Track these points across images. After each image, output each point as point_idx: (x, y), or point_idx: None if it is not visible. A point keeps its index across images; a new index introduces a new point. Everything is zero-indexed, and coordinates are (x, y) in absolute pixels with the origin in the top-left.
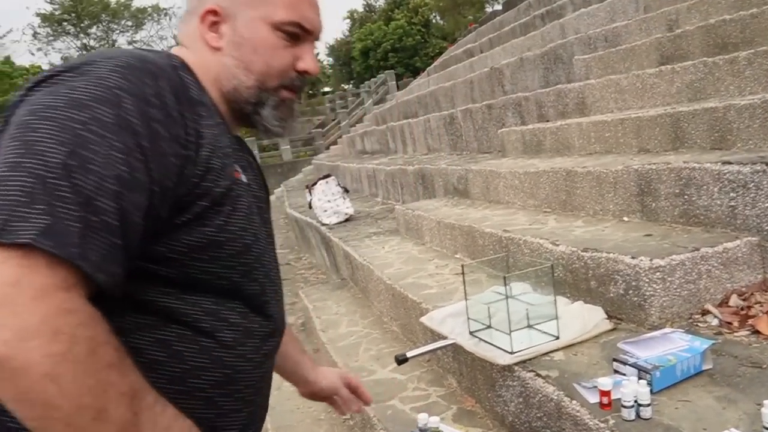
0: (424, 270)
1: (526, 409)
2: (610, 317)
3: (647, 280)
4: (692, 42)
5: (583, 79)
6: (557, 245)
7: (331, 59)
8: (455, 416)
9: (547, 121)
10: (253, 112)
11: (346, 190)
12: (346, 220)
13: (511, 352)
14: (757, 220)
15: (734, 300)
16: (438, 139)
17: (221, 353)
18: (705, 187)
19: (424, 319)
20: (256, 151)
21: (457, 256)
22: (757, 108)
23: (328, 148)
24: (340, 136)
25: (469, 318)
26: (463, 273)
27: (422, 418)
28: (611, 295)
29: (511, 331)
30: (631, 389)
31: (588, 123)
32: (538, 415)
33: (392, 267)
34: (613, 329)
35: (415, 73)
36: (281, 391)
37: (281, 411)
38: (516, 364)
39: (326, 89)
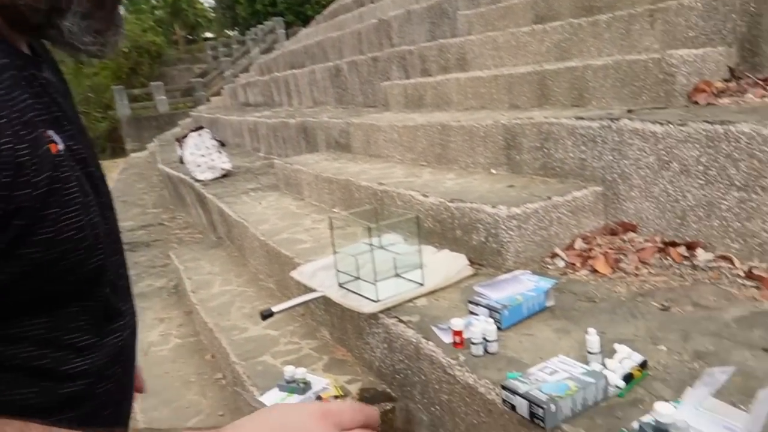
0: (301, 225)
1: (390, 353)
2: (472, 263)
3: (504, 228)
4: (563, 3)
5: (465, 35)
6: (427, 197)
7: (212, 1)
8: (326, 366)
9: (430, 75)
10: (47, 24)
11: (222, 144)
12: (223, 176)
13: (376, 301)
14: (602, 171)
15: (579, 244)
16: (324, 92)
17: (74, 387)
18: (561, 141)
19: (294, 274)
20: (125, 102)
21: (335, 210)
22: (610, 68)
23: (209, 99)
24: (223, 87)
25: (338, 270)
26: (331, 226)
27: (288, 371)
28: (474, 242)
29: (376, 281)
30: (480, 328)
31: (466, 79)
32: (400, 357)
33: (268, 223)
34: (474, 274)
35: (306, 21)
36: (149, 357)
37: (150, 377)
38: (381, 311)
39: (208, 35)
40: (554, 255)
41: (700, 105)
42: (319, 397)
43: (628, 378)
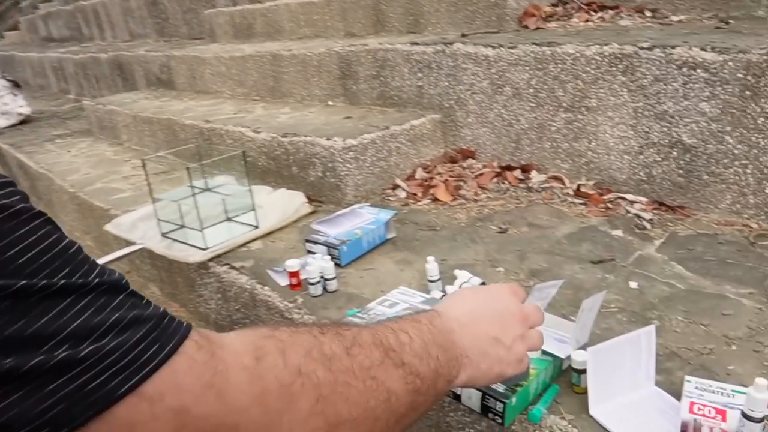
0: (118, 173)
1: (225, 303)
2: (311, 201)
3: (341, 161)
4: None
5: None
6: (259, 133)
7: None
8: None
9: (259, 2)
10: None
11: (17, 85)
12: (22, 123)
13: (204, 249)
14: (439, 98)
15: (419, 173)
16: (141, 23)
17: None
18: (397, 68)
19: (109, 227)
20: None
21: (160, 154)
22: None
23: (2, 36)
24: (20, 20)
25: (159, 219)
26: (145, 168)
27: None
28: (311, 178)
29: (202, 228)
30: (316, 266)
31: (297, 4)
32: (236, 306)
33: (78, 173)
34: (313, 212)
35: None
36: None
37: None
38: (210, 260)
39: None
40: (395, 186)
41: (530, 29)
42: None
43: None
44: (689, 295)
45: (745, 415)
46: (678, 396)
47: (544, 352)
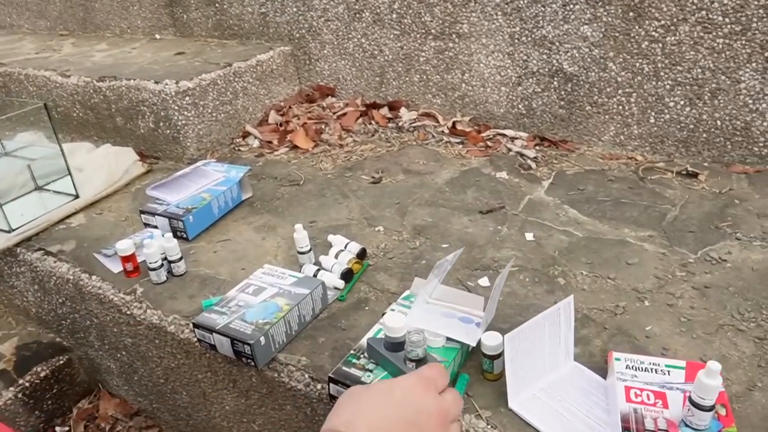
0: None
1: (45, 296)
2: (144, 158)
3: (177, 108)
4: None
5: None
6: (68, 76)
7: None
8: None
9: None
10: None
11: None
12: None
13: (9, 231)
14: (288, 27)
15: (273, 117)
16: None
17: None
18: None
19: None
20: None
21: None
22: None
23: None
24: None
25: None
26: None
27: None
28: (142, 131)
29: (1, 204)
30: (156, 247)
31: None
32: (61, 300)
33: None
34: (148, 172)
35: None
36: None
37: None
38: (18, 244)
39: None
40: (246, 134)
41: None
42: None
43: (347, 275)
44: (589, 243)
45: (693, 403)
46: (599, 370)
47: (451, 339)
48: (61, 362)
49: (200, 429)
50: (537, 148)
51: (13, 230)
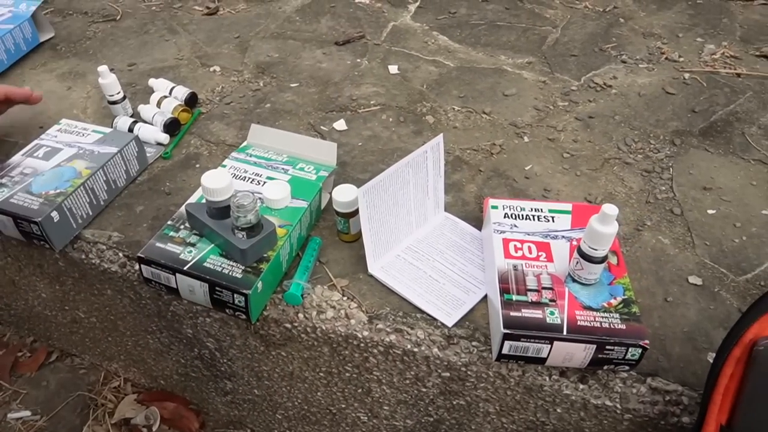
0: None
1: None
2: None
3: None
4: None
5: None
6: None
7: None
8: None
9: None
10: None
11: None
12: None
13: None
14: None
15: None
16: None
17: None
18: None
19: None
20: None
21: None
22: None
23: None
24: None
25: None
26: None
27: None
28: None
29: None
30: None
31: None
32: None
33: None
34: None
35: None
36: None
37: None
38: None
39: None
40: None
41: None
42: None
43: (171, 126)
44: (462, 74)
45: (582, 254)
46: (474, 220)
47: (296, 198)
48: None
49: (25, 319)
50: None
51: None
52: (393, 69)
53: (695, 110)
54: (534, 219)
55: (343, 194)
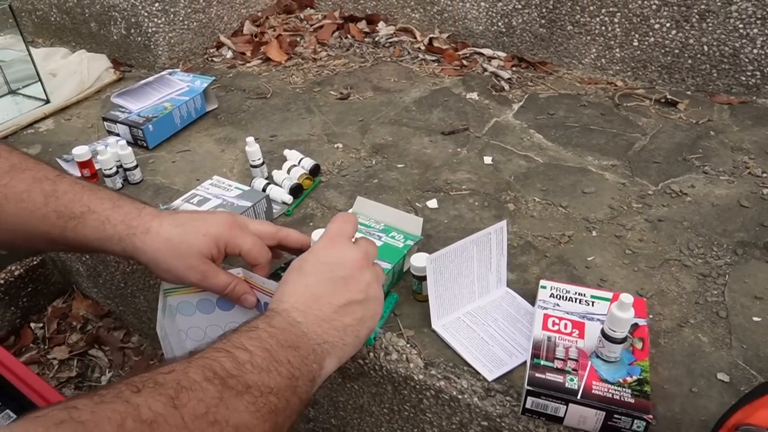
0: None
1: None
2: (119, 65)
3: (146, 14)
4: None
5: None
6: None
7: None
8: None
9: None
10: None
11: None
12: None
13: None
14: None
15: (248, 27)
16: None
17: None
18: None
19: None
20: None
21: None
22: None
23: None
24: None
25: None
26: None
27: None
28: (115, 37)
29: None
30: (111, 154)
31: None
32: None
33: None
34: (120, 79)
35: None
36: None
37: None
38: None
39: None
40: (219, 44)
41: None
42: None
43: (296, 191)
44: (548, 170)
45: (604, 334)
46: (531, 297)
47: (382, 259)
48: (35, 263)
49: None
50: (514, 69)
51: None
52: (487, 160)
53: (765, 224)
54: (575, 301)
55: (419, 260)
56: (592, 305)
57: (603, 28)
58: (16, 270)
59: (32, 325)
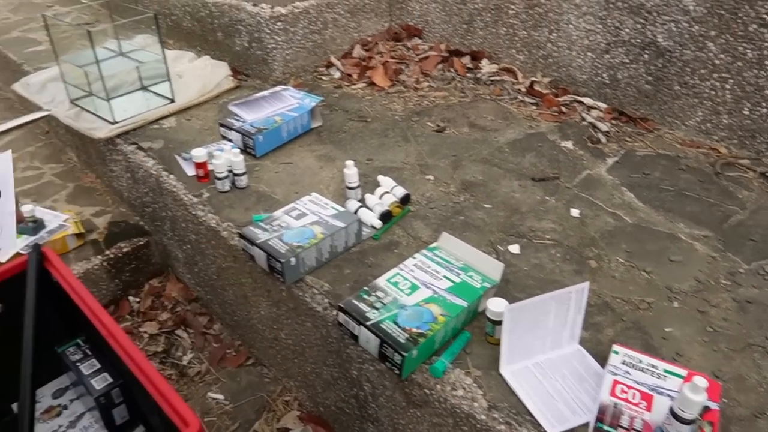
0: (39, 20)
1: (135, 184)
2: (237, 73)
3: (269, 31)
4: None
5: None
6: None
7: None
8: (71, 196)
9: None
10: None
11: None
12: None
13: (113, 122)
14: None
15: (357, 50)
16: None
17: None
18: None
19: (17, 86)
20: None
21: (84, 1)
22: None
23: None
24: None
25: (66, 83)
26: (46, 25)
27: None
28: (238, 48)
29: (109, 98)
30: (224, 160)
31: None
32: (145, 190)
33: None
34: (237, 87)
35: None
36: None
37: None
38: (118, 136)
39: None
40: (329, 64)
41: None
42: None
43: (385, 217)
44: (636, 231)
45: (673, 413)
46: (602, 359)
47: (456, 295)
48: (141, 243)
49: (241, 326)
50: (613, 122)
51: (116, 122)
52: (575, 212)
53: None
54: (647, 373)
55: (496, 305)
56: (664, 379)
57: (713, 92)
58: (125, 247)
59: (130, 298)
